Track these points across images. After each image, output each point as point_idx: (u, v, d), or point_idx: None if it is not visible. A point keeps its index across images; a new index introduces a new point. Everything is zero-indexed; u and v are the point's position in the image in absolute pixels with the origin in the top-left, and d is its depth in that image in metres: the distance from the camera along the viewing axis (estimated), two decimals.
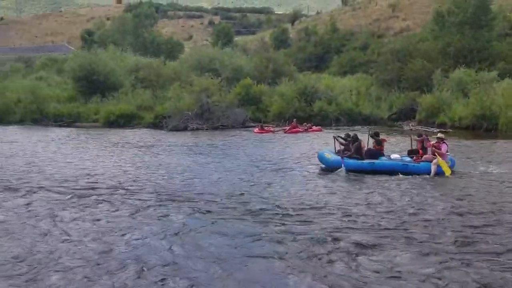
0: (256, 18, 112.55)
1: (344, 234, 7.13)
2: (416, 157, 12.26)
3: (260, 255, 6.37)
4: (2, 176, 12.28)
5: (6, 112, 34.94)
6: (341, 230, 7.32)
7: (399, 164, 11.94)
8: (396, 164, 11.97)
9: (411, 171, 11.61)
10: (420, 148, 12.45)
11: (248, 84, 30.61)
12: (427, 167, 11.57)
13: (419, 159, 12.09)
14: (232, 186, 10.75)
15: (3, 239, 7.18)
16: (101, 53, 38.14)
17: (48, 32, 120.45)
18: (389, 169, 11.74)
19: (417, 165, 11.81)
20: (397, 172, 11.60)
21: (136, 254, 6.40)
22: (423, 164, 11.77)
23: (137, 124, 29.90)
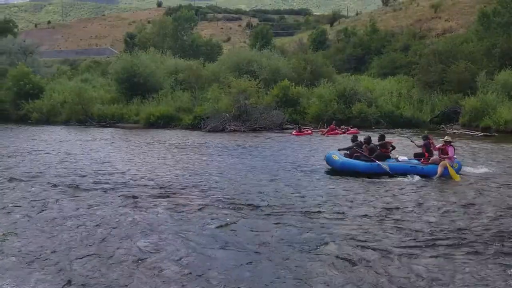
0: (294, 19, 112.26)
1: (380, 238, 6.99)
2: (423, 159, 12.46)
3: (301, 257, 6.33)
4: (51, 175, 12.76)
5: (53, 112, 36.34)
6: (377, 235, 7.19)
7: (408, 166, 12.12)
8: (405, 166, 12.14)
9: (419, 173, 11.87)
10: (425, 151, 12.66)
11: (286, 86, 30.50)
12: (434, 169, 11.84)
13: (426, 161, 12.29)
14: (271, 188, 10.75)
15: (46, 233, 7.45)
16: (142, 56, 39.05)
17: (92, 36, 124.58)
18: (399, 171, 11.97)
19: (425, 167, 12.04)
20: (406, 174, 11.84)
21: (182, 256, 6.49)
22: (430, 166, 12.02)
23: (176, 125, 30.38)
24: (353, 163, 12.34)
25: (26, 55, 50.08)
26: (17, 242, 7.03)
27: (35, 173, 13.02)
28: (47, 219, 8.39)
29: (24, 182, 11.77)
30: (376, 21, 57.70)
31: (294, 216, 8.39)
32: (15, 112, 38.87)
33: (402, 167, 12.10)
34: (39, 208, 9.20)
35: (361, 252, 6.53)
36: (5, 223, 8.03)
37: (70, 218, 8.40)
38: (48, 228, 7.83)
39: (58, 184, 11.39)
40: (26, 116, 37.68)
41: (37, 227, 7.89)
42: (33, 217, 8.54)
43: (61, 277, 5.84)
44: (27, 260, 6.38)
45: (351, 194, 10.11)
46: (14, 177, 12.49)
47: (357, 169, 12.18)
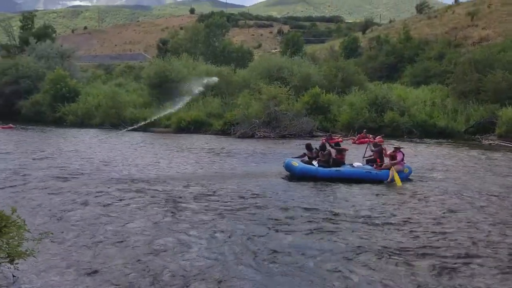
0: (326, 26, 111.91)
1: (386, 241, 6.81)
2: (375, 165, 13.04)
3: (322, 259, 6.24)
4: (85, 176, 13.04)
5: (87, 115, 37.31)
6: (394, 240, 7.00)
7: (363, 172, 12.71)
8: (360, 171, 12.71)
9: (373, 178, 12.53)
10: (377, 157, 13.26)
11: (316, 93, 30.33)
12: (387, 174, 12.52)
13: (378, 167, 12.89)
14: (300, 195, 10.66)
15: (78, 233, 7.59)
16: (174, 61, 39.64)
17: (126, 41, 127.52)
18: (354, 176, 12.53)
19: (379, 173, 12.66)
20: (361, 179, 12.43)
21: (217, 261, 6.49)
22: (384, 171, 12.65)
23: (207, 131, 30.63)
24: (312, 169, 12.79)
25: (63, 59, 51.57)
26: (52, 242, 7.17)
27: (70, 174, 13.34)
28: (80, 220, 8.57)
29: (60, 183, 12.06)
30: (410, 29, 56.85)
31: (340, 225, 8.28)
32: (52, 114, 40.07)
33: (358, 173, 12.68)
34: (73, 209, 9.42)
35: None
36: (41, 223, 8.22)
37: (102, 220, 8.55)
38: (80, 229, 7.98)
39: (92, 186, 11.63)
40: (62, 118, 38.80)
41: (70, 228, 8.05)
42: (67, 217, 8.74)
43: (92, 277, 5.92)
44: (61, 260, 6.51)
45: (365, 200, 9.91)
46: (50, 177, 12.83)
47: (316, 175, 12.61)
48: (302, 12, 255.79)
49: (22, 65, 45.58)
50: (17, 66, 45.34)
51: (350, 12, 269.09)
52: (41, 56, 49.99)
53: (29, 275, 5.88)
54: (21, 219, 5.59)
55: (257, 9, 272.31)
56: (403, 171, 12.61)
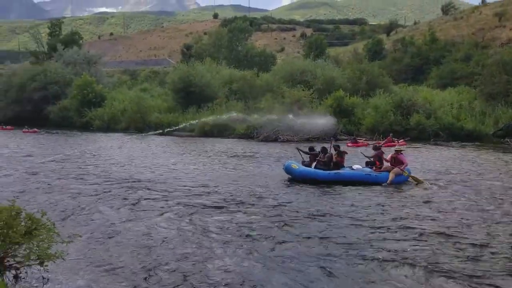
0: (349, 29, 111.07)
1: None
2: (374, 167, 13.14)
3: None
4: (111, 180, 13.25)
5: (113, 120, 37.99)
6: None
7: (363, 174, 12.79)
8: (360, 174, 12.79)
9: (373, 181, 12.59)
10: (376, 160, 13.33)
11: (340, 96, 30.11)
12: (386, 176, 12.60)
13: (378, 170, 12.97)
14: (324, 200, 10.57)
15: (105, 236, 7.70)
16: (198, 66, 40.02)
17: (151, 47, 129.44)
18: (354, 179, 12.63)
19: (379, 175, 12.72)
20: (360, 181, 12.51)
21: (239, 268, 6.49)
22: (383, 173, 12.74)
23: (230, 134, 30.73)
24: (312, 172, 12.89)
25: (90, 65, 52.68)
26: (80, 244, 7.29)
27: (96, 178, 13.57)
28: (105, 222, 8.70)
29: (87, 186, 12.28)
30: (436, 30, 56.03)
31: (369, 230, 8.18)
32: (79, 119, 40.96)
33: (358, 175, 12.75)
34: (98, 211, 9.57)
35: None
36: (70, 226, 8.37)
37: (126, 222, 8.66)
38: (105, 231, 8.10)
39: (116, 189, 11.80)
40: (88, 123, 39.62)
41: (95, 230, 8.18)
42: (92, 220, 8.88)
43: (118, 279, 5.99)
44: (88, 262, 6.62)
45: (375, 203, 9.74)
46: (73, 180, 13.09)
47: (316, 178, 12.72)
48: (325, 15, 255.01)
49: (50, 71, 46.73)
50: (45, 72, 46.50)
51: (374, 15, 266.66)
52: (69, 62, 51.19)
53: (58, 276, 5.99)
54: (50, 222, 5.71)
55: (280, 13, 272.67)
56: (402, 174, 12.72)
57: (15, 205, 5.58)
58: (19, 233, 5.29)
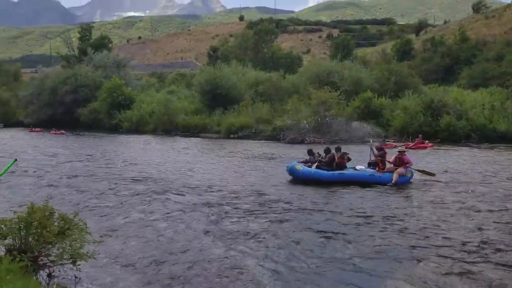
0: (377, 29, 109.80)
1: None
2: (377, 168, 13.12)
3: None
4: (141, 180, 13.44)
5: (142, 122, 38.57)
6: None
7: (366, 175, 12.78)
8: (363, 174, 12.79)
9: (376, 181, 12.54)
10: (379, 161, 13.31)
11: (368, 97, 29.72)
12: (390, 177, 12.50)
13: (381, 170, 12.93)
14: (352, 203, 10.44)
15: (137, 235, 7.80)
16: (224, 68, 40.25)
17: (178, 50, 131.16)
18: (357, 179, 12.62)
19: (382, 176, 12.68)
20: (364, 182, 12.46)
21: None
22: (387, 174, 12.67)
23: (256, 136, 30.74)
24: (316, 173, 12.88)
25: (119, 68, 53.65)
26: (112, 244, 7.40)
27: (127, 178, 13.78)
28: (139, 222, 8.80)
29: (117, 187, 12.48)
30: (466, 29, 54.79)
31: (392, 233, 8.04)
32: (108, 121, 41.77)
33: (361, 176, 12.75)
34: (131, 211, 9.70)
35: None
36: (103, 225, 8.50)
37: (156, 222, 8.74)
38: (138, 231, 8.20)
39: (148, 189, 11.95)
40: (118, 125, 40.35)
41: (125, 230, 8.29)
42: (121, 220, 9.00)
43: (148, 280, 6.04)
44: (118, 262, 6.70)
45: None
46: (108, 181, 13.32)
47: (320, 178, 12.72)
48: (352, 16, 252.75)
49: (80, 75, 47.83)
50: (76, 76, 47.61)
51: (402, 14, 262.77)
52: (99, 66, 52.30)
53: (89, 275, 6.09)
54: (82, 222, 5.82)
55: (306, 14, 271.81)
56: (405, 175, 12.70)
57: (49, 206, 5.71)
58: (53, 233, 5.41)
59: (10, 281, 4.23)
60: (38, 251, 5.48)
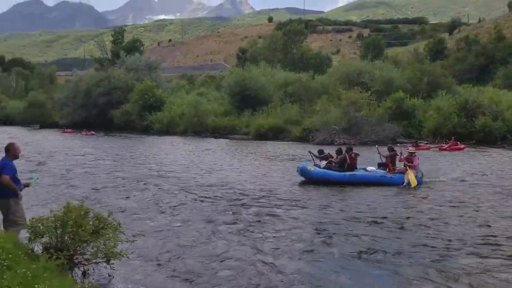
0: (409, 28, 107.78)
1: None
2: (388, 169, 13.24)
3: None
4: (172, 181, 13.62)
5: (172, 124, 39.06)
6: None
7: (378, 176, 12.90)
8: (375, 175, 12.91)
9: (387, 182, 12.62)
10: (389, 162, 13.45)
11: (400, 98, 29.13)
12: (401, 178, 12.60)
13: (392, 171, 13.02)
14: (386, 203, 10.26)
15: (168, 235, 7.89)
16: (253, 70, 40.31)
17: (207, 52, 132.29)
18: (368, 180, 12.74)
19: (393, 177, 12.77)
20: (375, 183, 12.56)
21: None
22: (398, 175, 12.76)
23: (285, 137, 30.64)
24: (328, 174, 12.96)
25: (151, 71, 54.48)
26: (142, 243, 7.51)
27: (155, 178, 13.99)
28: (168, 222, 8.92)
29: (146, 186, 12.69)
30: (502, 28, 53.20)
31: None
32: (140, 123, 42.50)
33: (373, 177, 12.86)
34: (159, 210, 9.84)
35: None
36: (133, 224, 8.64)
37: (188, 222, 8.83)
38: (168, 231, 8.30)
39: (176, 189, 12.09)
40: (149, 126, 41.01)
41: (158, 229, 8.40)
42: (155, 219, 9.13)
43: (178, 279, 6.10)
44: (150, 261, 6.79)
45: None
46: (137, 181, 13.55)
47: (332, 179, 12.79)
48: (383, 15, 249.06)
49: (113, 77, 48.83)
50: (109, 79, 48.64)
51: (434, 13, 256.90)
52: (131, 68, 53.26)
53: (123, 274, 6.19)
54: (116, 221, 5.92)
55: (336, 14, 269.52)
56: (416, 175, 12.65)
57: (84, 205, 5.84)
58: (88, 232, 5.53)
59: (47, 278, 4.34)
60: (74, 249, 5.61)
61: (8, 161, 6.36)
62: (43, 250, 5.59)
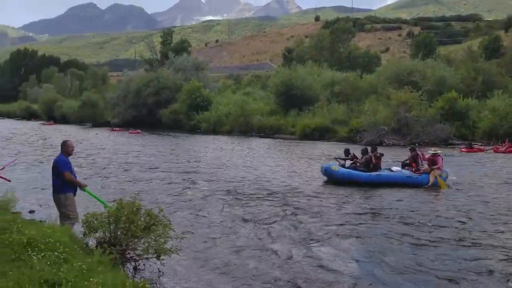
0: (462, 26, 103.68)
1: None
2: (412, 169, 13.26)
3: None
4: (220, 180, 13.76)
5: (218, 123, 39.49)
6: None
7: (404, 176, 12.86)
8: (400, 176, 12.88)
9: (413, 183, 12.58)
10: (412, 162, 13.53)
11: (452, 98, 28.02)
12: (426, 178, 12.57)
13: (416, 172, 13.02)
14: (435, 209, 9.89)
15: (214, 233, 7.94)
16: (299, 69, 40.03)
17: (254, 52, 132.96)
18: (394, 181, 12.70)
19: (419, 177, 12.72)
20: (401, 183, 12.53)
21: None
22: (423, 175, 12.70)
23: (331, 138, 30.22)
24: (353, 174, 12.93)
25: (198, 71, 55.31)
26: (192, 240, 7.60)
27: (206, 177, 14.17)
28: (216, 220, 8.99)
29: (193, 184, 12.88)
30: None
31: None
32: (188, 122, 43.26)
33: (398, 177, 12.83)
34: (207, 210, 9.93)
35: None
36: (183, 223, 8.77)
37: (234, 221, 8.87)
38: (215, 229, 8.36)
39: (220, 188, 12.19)
40: (196, 125, 41.66)
41: (204, 227, 8.48)
42: (203, 218, 9.23)
43: (227, 277, 6.11)
44: (199, 258, 6.86)
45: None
46: (185, 179, 13.78)
47: (357, 180, 12.74)
48: (434, 12, 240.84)
49: (162, 78, 49.96)
50: (158, 79, 49.82)
51: (489, 10, 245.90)
52: (179, 69, 54.30)
53: (172, 270, 6.28)
54: (166, 218, 6.01)
55: (385, 12, 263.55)
56: (441, 175, 12.65)
57: (136, 202, 5.97)
58: (139, 227, 5.65)
59: (101, 272, 4.45)
60: (126, 244, 5.75)
61: (63, 157, 6.74)
62: (96, 244, 5.76)
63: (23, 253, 4.73)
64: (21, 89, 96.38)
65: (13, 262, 4.51)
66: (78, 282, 4.07)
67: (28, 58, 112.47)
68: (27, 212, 9.30)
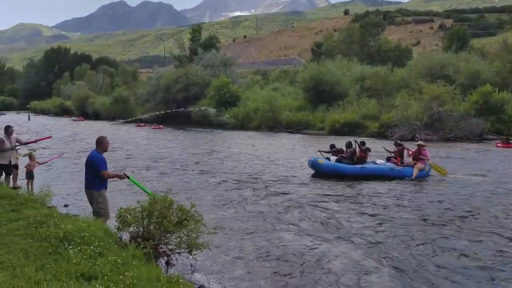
0: (496, 18, 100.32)
1: None
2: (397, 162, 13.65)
3: None
4: (248, 176, 13.79)
5: (247, 119, 39.51)
6: None
7: (387, 169, 13.24)
8: (384, 168, 13.24)
9: (397, 175, 12.96)
10: (398, 156, 13.94)
11: (487, 92, 27.10)
12: (410, 171, 13.00)
13: (401, 164, 13.42)
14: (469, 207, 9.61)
15: (246, 228, 7.95)
16: (328, 64, 39.56)
17: (281, 47, 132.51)
18: (378, 173, 13.07)
19: (402, 169, 13.12)
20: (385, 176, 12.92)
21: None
22: (406, 168, 13.14)
23: (361, 133, 29.75)
24: (338, 167, 13.34)
25: (226, 67, 55.43)
26: (224, 236, 7.64)
27: (236, 173, 14.24)
28: (247, 216, 9.01)
29: (228, 181, 12.94)
30: None
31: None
32: (216, 117, 43.48)
33: (382, 169, 13.21)
34: (237, 205, 10.00)
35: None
36: (214, 218, 8.82)
37: (265, 219, 8.86)
38: (247, 225, 8.38)
39: (258, 185, 12.21)
40: (224, 121, 41.82)
41: (239, 223, 8.51)
42: (236, 214, 9.27)
43: (256, 272, 6.10)
44: (229, 253, 6.89)
45: None
46: (214, 174, 13.87)
47: (343, 172, 13.15)
48: (468, 4, 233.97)
49: (191, 74, 50.36)
50: (187, 75, 50.24)
51: None
52: (207, 65, 54.59)
53: (203, 265, 6.32)
54: (198, 213, 6.05)
55: (416, 5, 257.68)
56: (424, 169, 13.10)
57: (168, 197, 6.02)
58: (172, 223, 5.70)
59: (135, 266, 4.52)
60: (159, 239, 5.82)
61: (99, 155, 6.69)
62: (130, 238, 5.85)
63: (60, 246, 4.85)
64: (55, 86, 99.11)
65: (50, 256, 4.63)
66: (113, 275, 4.14)
67: (62, 56, 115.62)
68: (62, 206, 9.55)
